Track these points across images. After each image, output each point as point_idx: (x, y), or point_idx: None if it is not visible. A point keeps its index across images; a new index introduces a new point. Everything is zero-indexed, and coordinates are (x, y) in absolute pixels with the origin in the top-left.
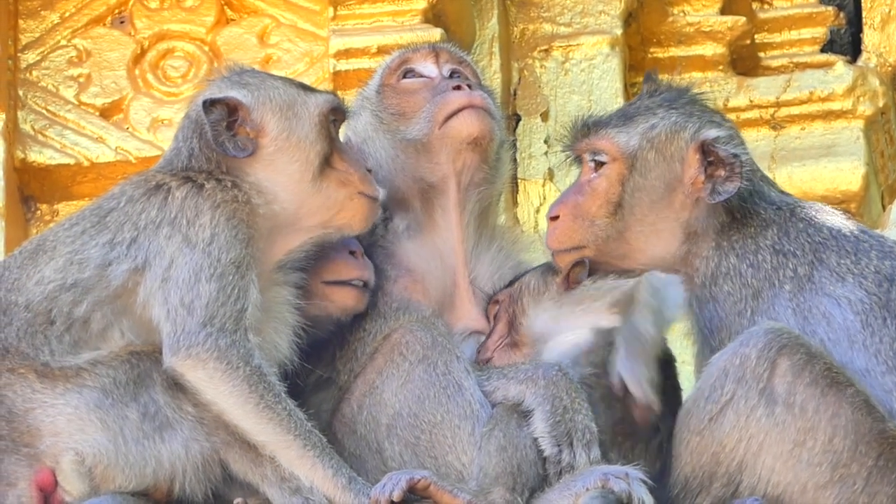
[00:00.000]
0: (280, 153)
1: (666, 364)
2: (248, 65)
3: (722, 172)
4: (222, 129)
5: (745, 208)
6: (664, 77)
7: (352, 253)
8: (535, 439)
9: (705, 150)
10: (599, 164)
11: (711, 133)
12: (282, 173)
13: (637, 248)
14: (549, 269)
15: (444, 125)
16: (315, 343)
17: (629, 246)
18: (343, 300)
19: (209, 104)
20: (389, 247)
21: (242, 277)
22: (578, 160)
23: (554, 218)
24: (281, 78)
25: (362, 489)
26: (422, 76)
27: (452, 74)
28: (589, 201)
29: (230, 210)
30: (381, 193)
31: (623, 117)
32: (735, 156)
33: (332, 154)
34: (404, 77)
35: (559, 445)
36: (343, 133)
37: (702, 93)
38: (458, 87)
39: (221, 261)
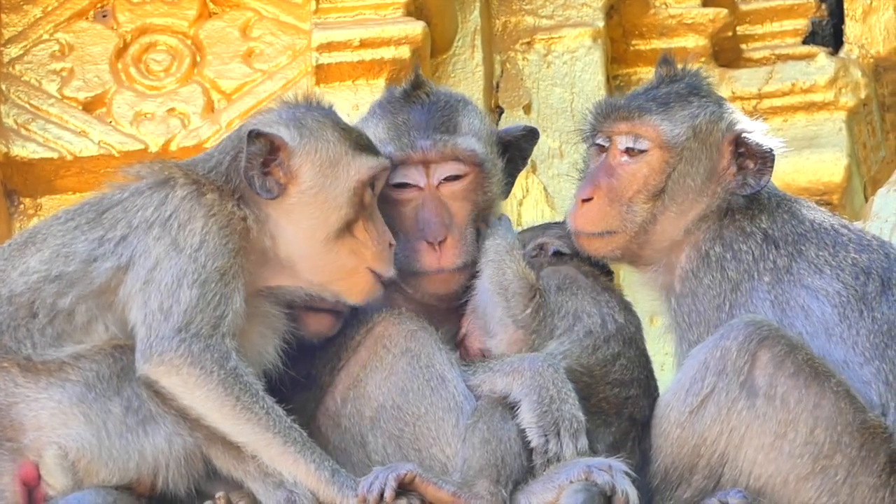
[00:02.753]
0: (302, 207)
1: (643, 356)
2: (327, 103)
3: (752, 165)
4: (257, 164)
5: (753, 197)
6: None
7: None
8: (523, 430)
9: (738, 141)
10: (633, 151)
11: (748, 126)
12: (295, 225)
13: (661, 229)
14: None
15: (413, 277)
16: (298, 343)
17: (655, 230)
18: (316, 326)
19: (255, 135)
20: None
21: (227, 285)
22: (598, 138)
23: (587, 200)
24: (343, 130)
25: (346, 481)
26: (410, 185)
27: (442, 181)
28: (626, 186)
29: (224, 219)
30: (392, 273)
31: (660, 103)
32: (769, 150)
33: (356, 221)
34: (394, 185)
35: (546, 436)
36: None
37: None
38: (431, 245)
39: (207, 267)
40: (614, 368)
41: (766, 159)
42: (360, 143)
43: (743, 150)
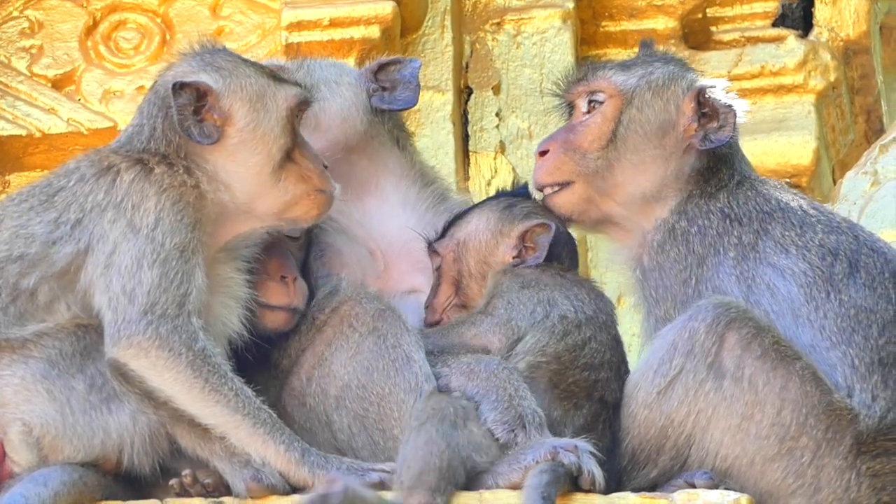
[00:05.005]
0: (243, 145)
1: (614, 340)
2: (220, 44)
3: (715, 123)
4: (189, 114)
5: (716, 165)
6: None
7: (283, 278)
8: (488, 429)
9: (700, 99)
10: (593, 106)
11: (707, 83)
12: (242, 165)
13: (621, 182)
14: (499, 216)
15: None
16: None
17: (614, 180)
18: (271, 322)
19: (179, 87)
20: (316, 230)
21: (187, 262)
22: (568, 108)
23: (543, 153)
24: (253, 64)
25: (316, 461)
26: None
27: None
28: (582, 136)
29: (177, 194)
30: (336, 190)
31: (620, 64)
32: (729, 106)
33: (293, 149)
34: None
35: (513, 430)
36: None
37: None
38: None
39: (165, 246)
40: (584, 353)
41: (727, 115)
42: (275, 75)
43: (706, 109)
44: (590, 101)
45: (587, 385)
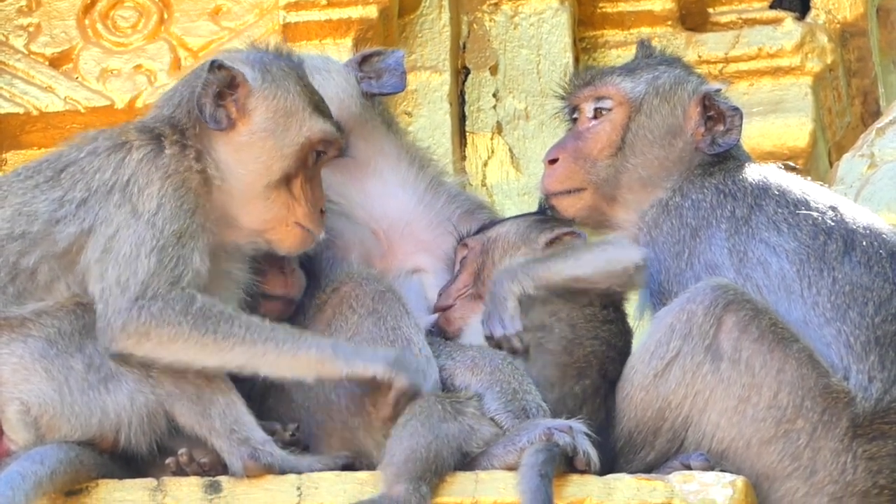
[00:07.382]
0: (250, 146)
1: (621, 323)
2: (306, 53)
3: (721, 126)
4: (211, 93)
5: (717, 157)
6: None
7: (282, 268)
8: (492, 418)
9: (706, 103)
10: (600, 113)
11: (713, 87)
12: (242, 165)
13: (627, 186)
14: (530, 224)
15: None
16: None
17: (621, 185)
18: (267, 311)
19: (216, 66)
20: None
21: (184, 247)
22: (571, 111)
23: (552, 161)
24: (305, 87)
25: (349, 353)
26: None
27: None
28: (591, 144)
29: (180, 179)
30: (321, 235)
31: (625, 69)
32: (735, 109)
33: (296, 178)
34: None
35: (518, 418)
36: None
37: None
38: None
39: (164, 232)
40: (603, 328)
41: (733, 119)
42: (318, 106)
43: (712, 112)
44: (596, 108)
45: (603, 358)
